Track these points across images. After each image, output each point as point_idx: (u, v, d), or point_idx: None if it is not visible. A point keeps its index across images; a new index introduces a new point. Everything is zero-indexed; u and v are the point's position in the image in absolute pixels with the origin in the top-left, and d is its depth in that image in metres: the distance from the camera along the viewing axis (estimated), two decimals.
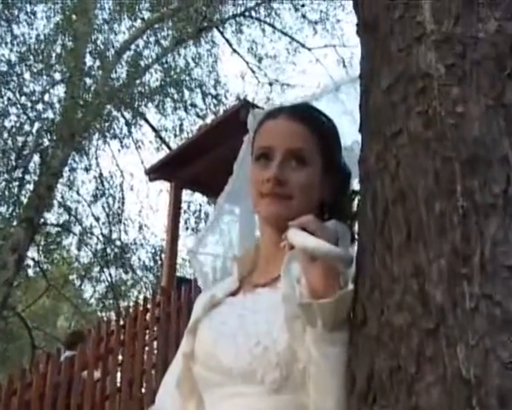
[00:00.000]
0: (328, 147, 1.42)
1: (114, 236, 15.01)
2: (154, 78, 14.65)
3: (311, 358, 1.10)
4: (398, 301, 0.94)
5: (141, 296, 15.83)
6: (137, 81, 13.79)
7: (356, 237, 1.42)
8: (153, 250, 15.60)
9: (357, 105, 1.64)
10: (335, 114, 1.62)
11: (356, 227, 1.44)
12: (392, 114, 1.05)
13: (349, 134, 1.61)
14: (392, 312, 0.94)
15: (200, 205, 15.04)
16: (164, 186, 13.15)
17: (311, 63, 17.36)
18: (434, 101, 1.00)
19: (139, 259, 15.68)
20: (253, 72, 16.19)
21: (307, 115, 1.43)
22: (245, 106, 7.19)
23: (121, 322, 6.41)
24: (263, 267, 1.42)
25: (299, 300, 1.09)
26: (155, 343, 6.28)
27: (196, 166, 7.90)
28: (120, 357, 6.08)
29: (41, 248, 14.55)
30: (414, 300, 0.92)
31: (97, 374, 5.83)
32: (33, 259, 14.58)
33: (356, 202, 1.50)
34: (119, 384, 5.95)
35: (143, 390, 6.10)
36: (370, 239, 1.03)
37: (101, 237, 15.05)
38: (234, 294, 1.41)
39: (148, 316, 6.35)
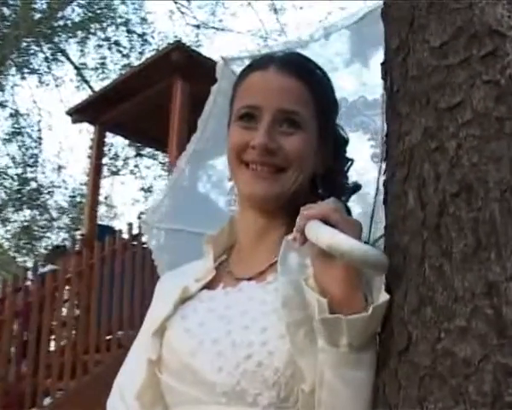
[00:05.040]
0: (326, 107, 1.19)
1: (30, 176, 14.37)
2: (76, 12, 13.82)
3: (324, 381, 0.88)
4: (464, 327, 0.73)
5: (57, 238, 15.37)
6: (59, 14, 12.93)
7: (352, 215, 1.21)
8: (71, 193, 15.08)
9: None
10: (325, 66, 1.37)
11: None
12: (447, 81, 0.82)
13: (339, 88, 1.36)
14: (455, 339, 0.73)
15: (122, 148, 14.57)
16: (84, 126, 12.58)
17: (241, 7, 16.87)
18: (508, 68, 0.78)
19: (55, 201, 15.12)
20: (182, 13, 15.59)
21: (302, 68, 1.18)
22: (178, 48, 6.80)
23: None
24: (244, 256, 1.17)
25: (320, 314, 0.85)
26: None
27: (123, 109, 7.49)
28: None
29: None
30: (486, 326, 0.71)
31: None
32: None
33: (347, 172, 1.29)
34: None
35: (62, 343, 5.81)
36: (417, 240, 0.81)
37: (16, 178, 14.36)
38: (209, 286, 1.16)
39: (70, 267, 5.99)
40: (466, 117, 0.79)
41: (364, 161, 1.48)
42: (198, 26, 15.87)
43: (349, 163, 1.28)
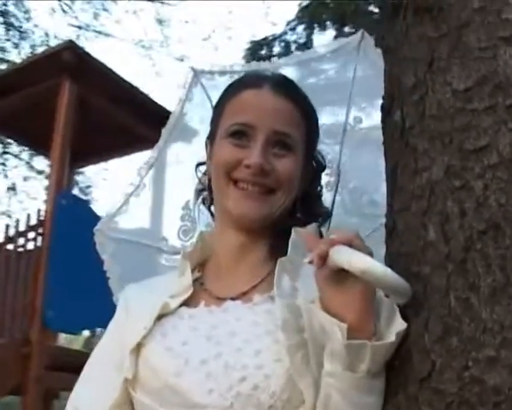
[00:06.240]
0: (312, 131, 1.23)
1: None
2: None
3: (331, 405, 0.89)
4: (493, 356, 0.77)
5: None
6: None
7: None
8: None
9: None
10: None
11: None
12: (472, 124, 0.87)
13: None
14: (484, 368, 0.78)
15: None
16: None
17: (126, 14, 16.62)
18: None
19: None
20: (64, 12, 15.07)
21: (294, 91, 1.21)
22: (70, 48, 6.56)
23: None
24: (224, 274, 1.16)
25: (344, 340, 0.86)
26: None
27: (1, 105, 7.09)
28: None
29: None
30: None
31: None
32: None
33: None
34: None
35: None
36: (440, 272, 0.85)
37: None
38: (188, 303, 1.13)
39: None
40: (492, 160, 0.84)
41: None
42: (80, 27, 15.42)
43: (320, 188, 1.32)
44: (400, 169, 0.97)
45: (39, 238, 5.99)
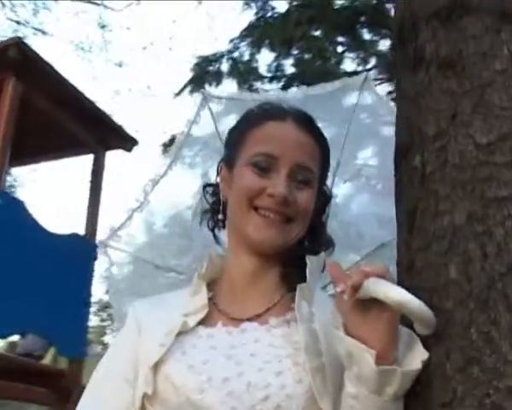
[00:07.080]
0: (326, 166, 1.30)
1: None
2: None
3: None
4: None
5: None
6: None
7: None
8: None
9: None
10: None
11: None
12: (494, 176, 0.97)
13: None
14: (505, 396, 0.86)
15: None
16: None
17: (67, 14, 16.35)
18: None
19: None
20: (3, 4, 14.68)
21: (314, 126, 1.27)
22: (16, 44, 6.41)
23: None
24: (238, 297, 1.21)
25: (376, 365, 0.92)
26: None
27: None
28: None
29: None
30: None
31: None
32: None
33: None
34: None
35: None
36: (462, 308, 0.93)
37: None
38: (204, 323, 1.17)
39: None
40: None
41: None
42: (18, 23, 15.05)
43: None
44: (420, 211, 1.05)
45: None
